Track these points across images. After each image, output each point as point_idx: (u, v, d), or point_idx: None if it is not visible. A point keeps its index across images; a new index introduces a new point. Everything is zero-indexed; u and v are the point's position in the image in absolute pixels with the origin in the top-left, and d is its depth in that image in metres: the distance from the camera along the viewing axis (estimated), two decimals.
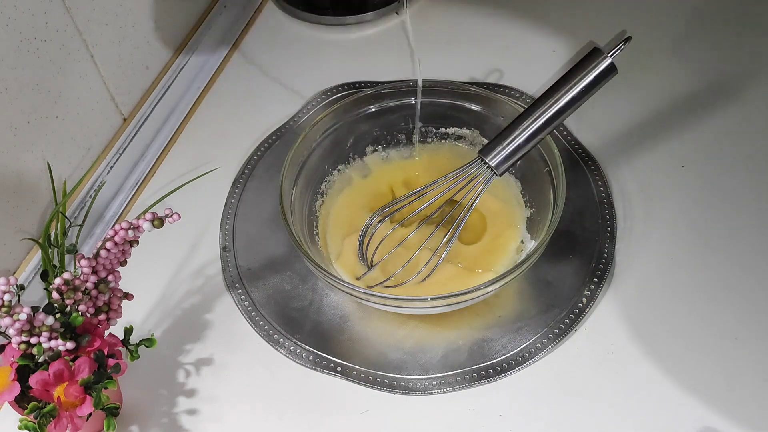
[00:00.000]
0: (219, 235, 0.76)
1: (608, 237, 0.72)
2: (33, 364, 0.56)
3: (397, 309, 0.66)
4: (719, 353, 0.64)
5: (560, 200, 0.65)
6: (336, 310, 0.70)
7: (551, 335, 0.66)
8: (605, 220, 0.73)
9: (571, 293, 0.69)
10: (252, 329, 0.69)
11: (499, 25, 0.93)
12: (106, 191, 0.79)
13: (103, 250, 0.57)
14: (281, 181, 0.68)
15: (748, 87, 0.83)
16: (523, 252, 0.70)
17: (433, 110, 0.76)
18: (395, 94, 0.75)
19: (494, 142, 0.65)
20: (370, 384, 0.65)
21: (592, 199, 0.75)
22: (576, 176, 0.76)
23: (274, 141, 0.83)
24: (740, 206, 0.73)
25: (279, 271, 0.73)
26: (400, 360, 0.66)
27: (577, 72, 0.63)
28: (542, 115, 0.63)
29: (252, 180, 0.80)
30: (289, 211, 0.67)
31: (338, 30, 0.96)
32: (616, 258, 0.71)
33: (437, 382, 0.65)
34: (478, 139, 0.76)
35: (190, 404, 0.65)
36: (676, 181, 0.76)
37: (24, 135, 0.70)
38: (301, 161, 0.72)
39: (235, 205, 0.78)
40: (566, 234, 0.72)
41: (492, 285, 0.62)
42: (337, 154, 0.76)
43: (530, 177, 0.72)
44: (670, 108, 0.82)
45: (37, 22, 0.69)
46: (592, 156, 0.78)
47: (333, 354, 0.67)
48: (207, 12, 0.96)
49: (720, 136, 0.79)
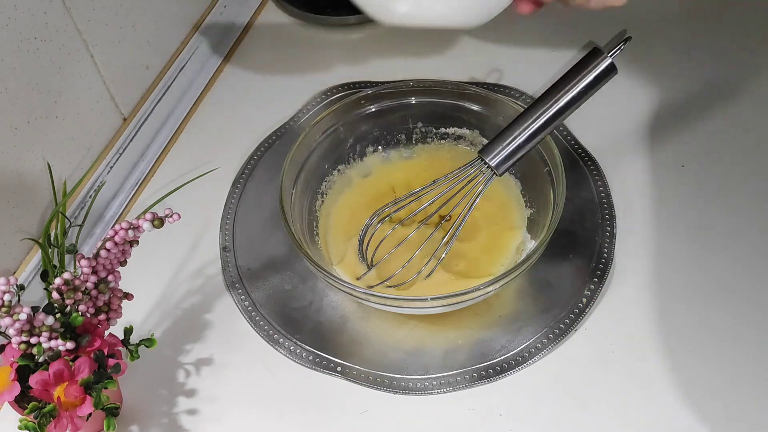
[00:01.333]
0: (219, 235, 0.76)
1: (608, 237, 0.72)
2: (33, 364, 0.56)
3: (397, 309, 0.66)
4: (719, 353, 0.64)
5: (560, 200, 0.65)
6: (336, 311, 0.70)
7: (551, 335, 0.66)
8: (605, 220, 0.73)
9: (571, 293, 0.69)
10: (252, 329, 0.69)
11: (499, 25, 0.93)
12: (106, 191, 0.79)
13: (103, 250, 0.57)
14: (281, 180, 0.68)
15: (747, 87, 0.83)
16: (524, 252, 0.70)
17: (433, 110, 0.76)
18: (395, 94, 0.75)
19: (494, 142, 0.65)
20: (370, 384, 0.65)
21: (591, 199, 0.75)
22: (576, 176, 0.77)
23: (274, 141, 0.83)
24: (740, 206, 0.73)
25: (279, 271, 0.73)
26: (400, 360, 0.66)
27: (577, 72, 0.63)
28: (542, 115, 0.63)
29: (252, 180, 0.80)
30: (289, 210, 0.67)
31: (338, 30, 0.96)
32: (616, 258, 0.71)
33: (437, 381, 0.65)
34: (478, 139, 0.77)
35: (190, 404, 0.65)
36: (676, 181, 0.76)
37: (24, 135, 0.70)
38: (301, 161, 0.72)
39: (235, 205, 0.78)
40: (566, 234, 0.72)
41: (492, 285, 0.62)
42: (337, 154, 0.76)
43: (530, 177, 0.72)
44: (670, 108, 0.82)
45: (37, 22, 0.69)
46: (592, 156, 0.78)
47: (333, 354, 0.67)
48: (207, 12, 0.96)
49: (720, 136, 0.79)
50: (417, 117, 0.77)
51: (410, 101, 0.75)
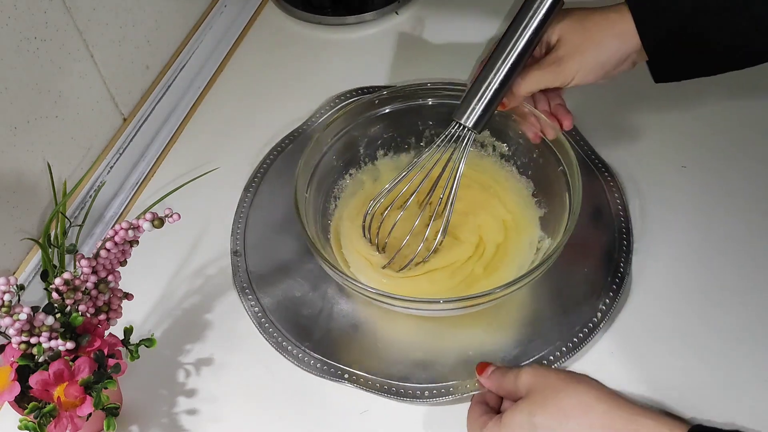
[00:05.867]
0: (230, 239, 0.76)
1: (624, 251, 0.71)
2: (33, 364, 0.56)
3: (408, 310, 0.64)
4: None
5: (576, 203, 0.64)
6: (346, 319, 0.69)
7: (564, 349, 0.65)
8: (621, 233, 0.72)
9: (585, 307, 0.67)
10: (258, 333, 0.69)
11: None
12: (106, 191, 0.79)
13: (103, 250, 0.57)
14: (296, 181, 0.68)
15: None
16: (539, 254, 0.69)
17: (445, 112, 0.74)
18: (405, 96, 0.75)
19: (464, 102, 0.65)
20: (377, 391, 0.64)
21: (609, 212, 0.73)
22: (593, 189, 0.75)
23: (286, 145, 0.82)
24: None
25: (289, 277, 0.72)
26: (408, 370, 0.65)
27: (525, 12, 0.63)
28: (504, 64, 0.63)
29: (264, 184, 0.79)
30: (303, 210, 0.67)
31: (338, 30, 0.96)
32: (633, 272, 0.70)
33: (445, 389, 0.64)
34: (489, 140, 0.76)
35: (190, 404, 0.65)
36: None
37: (24, 135, 0.70)
38: (314, 164, 0.72)
39: (247, 209, 0.77)
40: (581, 247, 0.70)
41: (506, 289, 0.61)
42: (348, 157, 0.76)
43: (544, 177, 0.72)
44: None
45: (37, 22, 0.69)
46: (609, 167, 0.77)
47: (341, 362, 0.66)
48: (207, 12, 0.96)
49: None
50: (428, 119, 0.77)
51: (419, 104, 0.75)
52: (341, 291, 0.71)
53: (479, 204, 0.74)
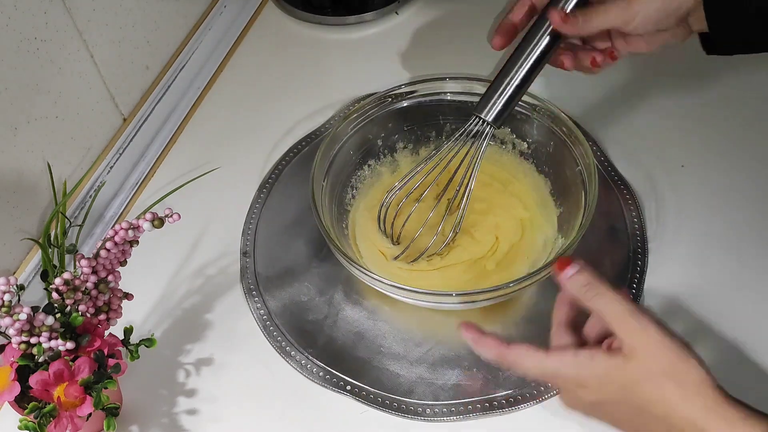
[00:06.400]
0: (240, 239, 0.75)
1: (638, 272, 0.70)
2: (33, 364, 0.56)
3: (421, 303, 0.64)
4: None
5: (591, 201, 0.64)
6: (351, 326, 0.69)
7: None
8: (636, 251, 0.71)
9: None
10: (260, 334, 0.69)
11: None
12: (106, 191, 0.79)
13: (103, 250, 0.57)
14: (313, 170, 0.68)
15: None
16: (552, 254, 0.68)
17: (465, 106, 0.74)
18: (429, 89, 0.75)
19: (485, 97, 0.65)
20: (378, 406, 0.64)
21: (624, 229, 0.72)
22: (610, 205, 0.74)
23: (303, 147, 0.82)
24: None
25: (297, 281, 0.72)
26: (411, 383, 0.65)
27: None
28: (527, 60, 0.63)
29: (277, 186, 0.79)
30: (319, 198, 0.67)
31: (338, 30, 0.96)
32: (645, 294, 0.69)
33: (447, 409, 0.63)
34: (509, 137, 0.76)
35: (190, 404, 0.65)
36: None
37: (24, 135, 0.70)
38: (332, 154, 0.72)
39: (259, 210, 0.77)
40: (594, 264, 0.69)
41: (518, 284, 0.61)
42: (366, 149, 0.76)
43: (562, 175, 0.71)
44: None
45: (37, 22, 0.69)
46: (627, 182, 0.76)
47: (344, 372, 0.66)
48: (207, 12, 0.96)
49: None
50: (448, 113, 0.76)
51: (438, 97, 0.75)
52: (347, 297, 0.71)
53: (498, 204, 0.74)
